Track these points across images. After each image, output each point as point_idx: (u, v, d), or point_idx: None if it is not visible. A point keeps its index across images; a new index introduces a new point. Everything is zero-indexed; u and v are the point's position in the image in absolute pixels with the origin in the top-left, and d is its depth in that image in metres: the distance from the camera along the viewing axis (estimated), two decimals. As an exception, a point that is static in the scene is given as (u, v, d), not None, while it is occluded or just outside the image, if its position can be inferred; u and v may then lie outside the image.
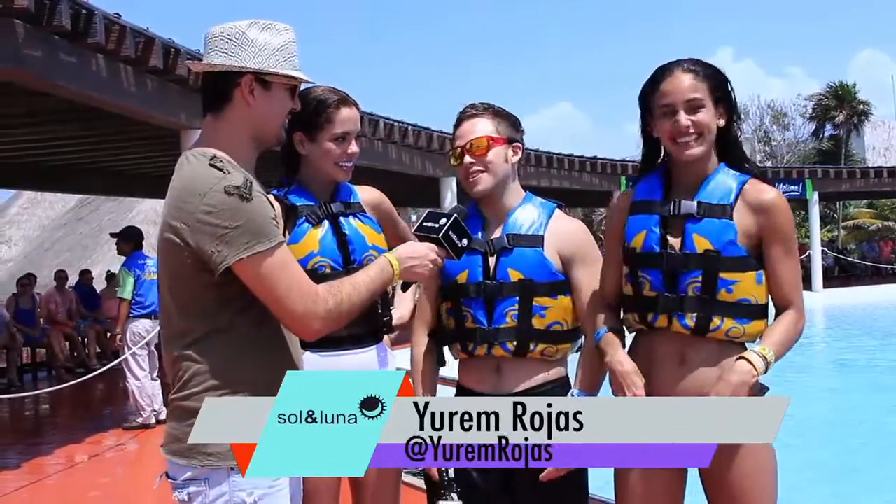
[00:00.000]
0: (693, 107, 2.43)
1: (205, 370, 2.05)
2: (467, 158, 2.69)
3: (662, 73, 2.49)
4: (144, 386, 8.37)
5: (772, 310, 2.53)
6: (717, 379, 2.37)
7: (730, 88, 2.51)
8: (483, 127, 2.71)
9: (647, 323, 2.53)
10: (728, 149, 2.52)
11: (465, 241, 2.39)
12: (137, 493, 6.28)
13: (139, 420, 8.37)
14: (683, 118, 2.43)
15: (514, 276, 2.66)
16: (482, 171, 2.69)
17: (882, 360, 13.18)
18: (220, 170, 2.01)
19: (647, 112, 2.54)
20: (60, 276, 14.08)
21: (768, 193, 2.46)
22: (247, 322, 2.08)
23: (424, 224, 2.39)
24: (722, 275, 2.42)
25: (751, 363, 2.35)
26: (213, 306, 2.05)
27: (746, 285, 2.43)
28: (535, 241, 2.69)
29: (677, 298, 2.46)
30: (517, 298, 2.65)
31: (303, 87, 3.02)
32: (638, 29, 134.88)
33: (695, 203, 2.46)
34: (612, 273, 2.62)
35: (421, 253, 2.32)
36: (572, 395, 2.65)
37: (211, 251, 1.98)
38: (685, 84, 2.44)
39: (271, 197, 2.14)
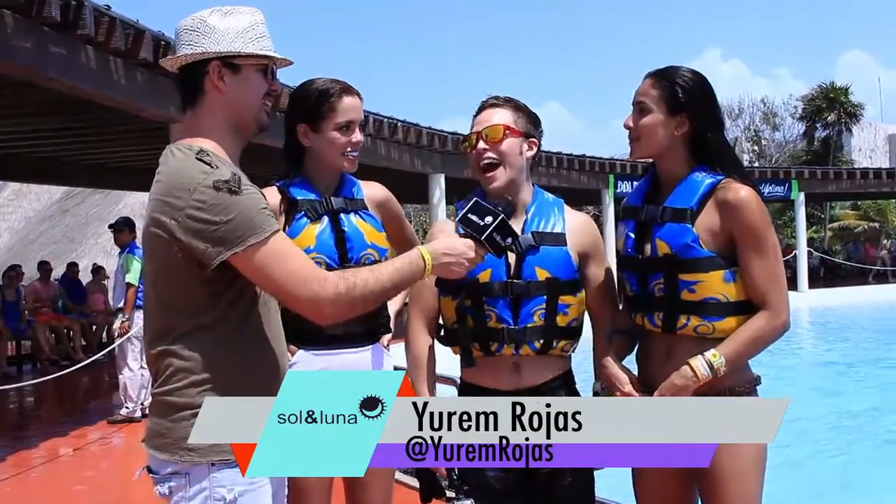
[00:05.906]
0: (640, 109, 2.55)
1: (188, 366, 2.04)
2: (481, 144, 2.66)
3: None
4: (136, 377, 8.37)
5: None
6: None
7: (699, 97, 2.53)
8: (501, 117, 2.69)
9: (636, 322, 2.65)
10: (704, 153, 2.55)
11: (509, 241, 2.23)
12: (122, 486, 6.26)
13: (124, 412, 8.36)
14: (628, 118, 2.59)
15: (542, 274, 2.63)
16: (497, 164, 2.65)
17: (867, 360, 13.28)
18: (208, 164, 2.00)
19: None
20: (45, 269, 14.01)
21: (734, 192, 2.47)
22: (232, 319, 2.07)
23: (469, 217, 2.22)
24: (682, 276, 2.49)
25: (693, 370, 2.43)
26: (201, 302, 2.04)
27: (711, 284, 2.47)
28: (560, 239, 2.69)
29: (647, 299, 2.57)
30: (545, 297, 2.63)
31: (306, 77, 3.02)
32: (626, 30, 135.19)
33: (660, 209, 2.55)
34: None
35: (459, 250, 2.19)
36: (593, 389, 2.68)
37: (204, 247, 1.97)
38: (640, 88, 2.57)
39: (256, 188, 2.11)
